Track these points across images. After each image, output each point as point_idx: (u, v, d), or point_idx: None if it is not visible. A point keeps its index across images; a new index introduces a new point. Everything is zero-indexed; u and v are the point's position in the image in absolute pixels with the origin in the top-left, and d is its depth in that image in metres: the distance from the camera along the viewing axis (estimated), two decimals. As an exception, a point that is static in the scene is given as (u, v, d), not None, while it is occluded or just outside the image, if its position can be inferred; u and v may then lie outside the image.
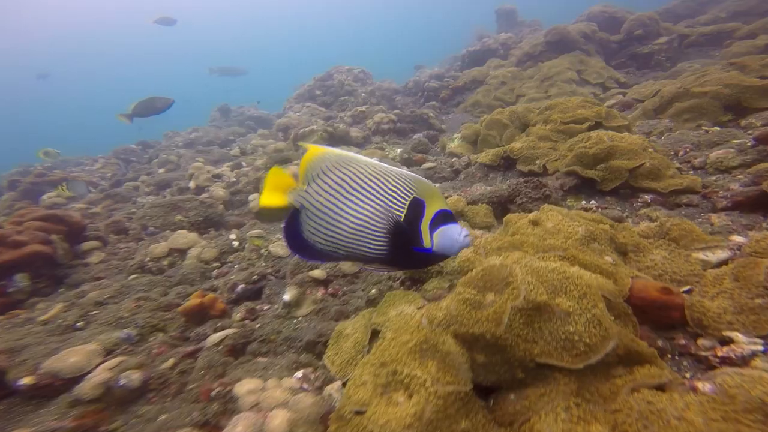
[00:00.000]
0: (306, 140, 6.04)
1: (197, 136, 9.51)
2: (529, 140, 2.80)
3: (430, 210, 1.15)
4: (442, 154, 4.54)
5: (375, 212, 1.14)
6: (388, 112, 6.84)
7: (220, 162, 6.89)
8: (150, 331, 2.20)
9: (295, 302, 2.24)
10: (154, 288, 2.63)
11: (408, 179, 1.16)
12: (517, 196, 2.26)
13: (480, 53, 8.86)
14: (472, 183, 3.14)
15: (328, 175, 1.17)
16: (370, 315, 1.61)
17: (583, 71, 5.78)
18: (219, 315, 2.32)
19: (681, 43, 5.80)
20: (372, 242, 1.16)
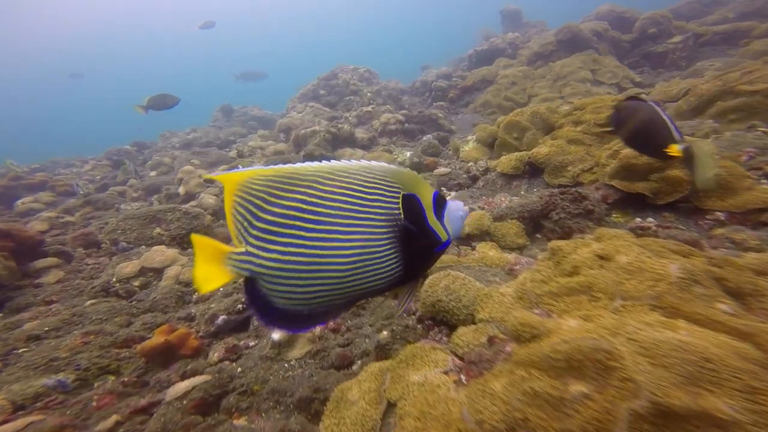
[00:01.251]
0: (308, 142, 5.66)
1: (195, 137, 9.12)
2: (557, 144, 2.41)
3: (425, 201, 0.97)
4: (455, 158, 4.16)
5: (370, 229, 0.89)
6: (396, 113, 6.48)
7: (216, 165, 6.49)
8: (97, 374, 1.77)
9: (286, 341, 1.84)
10: (114, 317, 2.21)
11: (384, 174, 0.93)
12: (552, 211, 1.87)
13: (488, 53, 8.56)
14: (493, 192, 2.75)
15: (271, 212, 0.86)
16: (381, 375, 1.21)
17: (597, 71, 5.42)
18: (191, 354, 1.91)
19: (696, 41, 5.46)
20: (379, 268, 0.90)
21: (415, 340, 1.45)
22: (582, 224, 1.73)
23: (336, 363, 1.66)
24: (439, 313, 1.39)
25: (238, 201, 0.88)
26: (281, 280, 0.88)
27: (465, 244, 1.99)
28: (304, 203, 0.86)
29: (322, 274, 0.87)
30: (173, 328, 1.96)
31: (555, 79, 5.75)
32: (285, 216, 0.86)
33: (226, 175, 0.88)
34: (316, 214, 0.86)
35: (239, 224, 0.88)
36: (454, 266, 1.65)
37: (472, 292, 1.33)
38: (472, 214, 2.02)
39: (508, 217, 1.98)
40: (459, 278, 1.43)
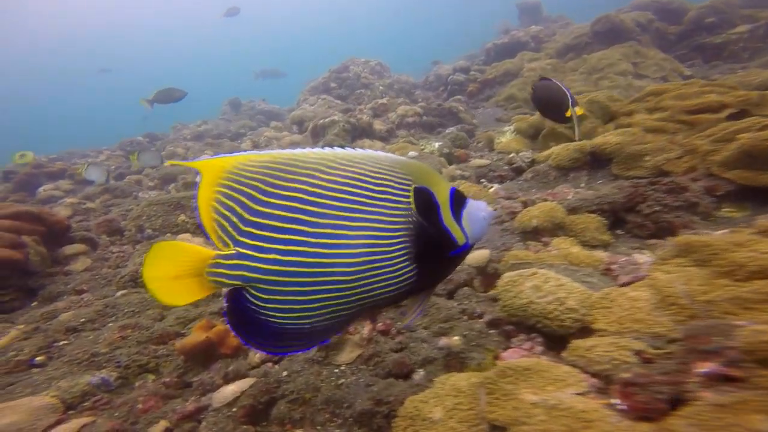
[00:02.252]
0: (326, 132, 5.48)
1: (206, 129, 9.10)
2: (631, 132, 2.18)
3: (441, 196, 0.83)
4: (486, 150, 3.94)
5: (379, 224, 0.76)
6: (413, 105, 6.26)
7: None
8: (137, 372, 1.62)
9: (333, 343, 1.65)
10: (146, 309, 2.05)
11: (392, 165, 0.80)
12: (640, 203, 1.64)
13: (508, 46, 8.28)
14: (546, 184, 2.52)
15: (268, 204, 0.72)
16: (471, 390, 1.01)
17: (640, 63, 5.12)
18: (231, 353, 1.73)
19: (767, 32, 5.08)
20: (390, 271, 0.76)
21: (495, 348, 1.25)
22: (684, 219, 1.51)
23: (393, 371, 1.46)
24: (530, 317, 1.19)
25: (224, 192, 0.72)
26: (280, 287, 0.73)
27: (534, 239, 1.78)
28: (306, 194, 0.73)
29: (327, 278, 0.73)
30: (211, 323, 1.78)
31: (590, 72, 5.46)
32: (285, 208, 0.72)
33: (206, 162, 0.73)
34: (319, 206, 0.73)
35: (225, 220, 0.72)
36: (534, 263, 1.44)
37: (576, 296, 1.12)
38: (542, 206, 1.81)
39: (583, 209, 1.76)
40: (552, 278, 1.23)
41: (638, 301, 0.99)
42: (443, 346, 1.45)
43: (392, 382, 1.39)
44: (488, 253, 1.75)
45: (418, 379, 1.37)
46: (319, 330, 0.78)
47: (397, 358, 1.49)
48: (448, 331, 1.56)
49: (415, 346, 1.56)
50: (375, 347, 1.61)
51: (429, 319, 1.70)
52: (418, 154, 3.38)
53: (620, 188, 1.78)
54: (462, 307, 1.68)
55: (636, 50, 5.29)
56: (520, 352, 1.13)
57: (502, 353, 1.21)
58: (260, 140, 6.87)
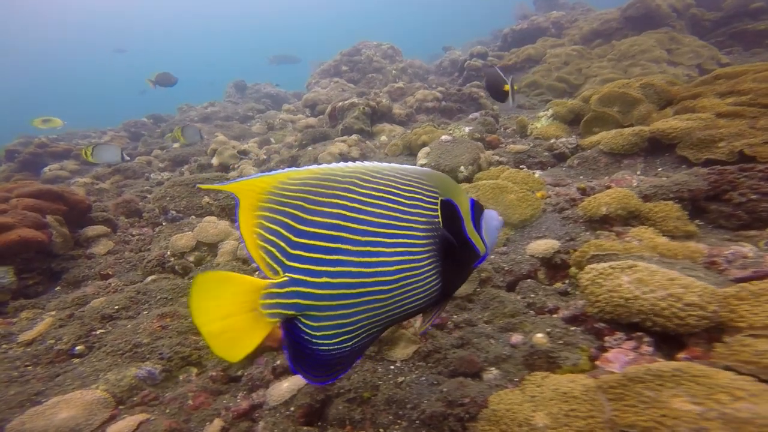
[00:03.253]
0: (345, 115, 5.26)
1: (214, 111, 8.85)
2: (700, 117, 2.01)
3: (463, 208, 0.85)
4: (517, 136, 3.76)
5: (411, 240, 0.76)
6: (432, 89, 6.03)
7: (240, 138, 6.19)
8: (180, 365, 1.49)
9: (385, 338, 1.53)
10: (180, 297, 1.92)
11: (420, 177, 0.81)
12: (730, 191, 1.49)
13: (527, 32, 7.98)
14: (595, 171, 2.37)
15: (313, 222, 0.69)
16: (587, 395, 0.88)
17: (675, 50, 4.89)
18: (276, 346, 1.61)
19: None
20: (420, 285, 0.77)
21: (587, 346, 1.13)
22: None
23: (460, 369, 1.34)
24: (632, 315, 1.05)
25: (267, 215, 0.68)
26: (330, 312, 0.70)
27: (602, 229, 1.64)
28: (346, 209, 0.71)
29: (368, 296, 0.71)
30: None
31: (619, 59, 5.23)
32: (329, 226, 0.69)
33: (243, 184, 0.67)
34: (359, 222, 0.71)
35: (272, 245, 0.67)
36: (621, 255, 1.30)
37: (697, 291, 0.99)
38: (612, 192, 1.66)
39: (658, 197, 1.61)
40: (657, 271, 1.09)
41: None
42: (517, 343, 1.32)
43: (463, 382, 1.26)
44: (557, 244, 1.61)
45: (492, 379, 1.25)
46: (357, 350, 0.76)
47: (464, 355, 1.37)
48: (516, 326, 1.44)
49: (479, 342, 1.43)
50: (433, 342, 1.49)
51: (490, 313, 1.58)
52: (452, 138, 3.20)
53: (698, 175, 1.63)
54: (527, 300, 1.56)
55: (671, 36, 5.04)
56: (627, 354, 1.00)
57: (601, 354, 1.08)
58: (275, 122, 6.66)
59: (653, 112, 2.45)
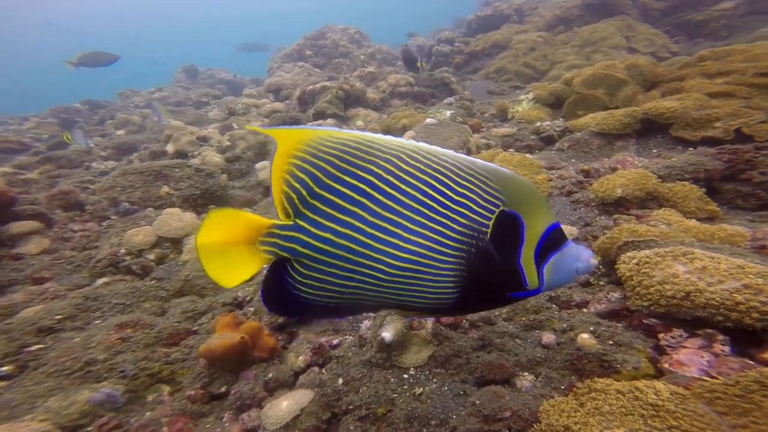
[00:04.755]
0: (317, 99, 4.78)
1: (163, 96, 7.81)
2: (692, 97, 1.94)
3: (532, 230, 0.70)
4: (497, 120, 3.60)
5: (439, 237, 0.67)
6: (404, 74, 5.70)
7: (197, 124, 5.45)
8: (148, 383, 1.14)
9: (396, 342, 1.28)
10: (141, 302, 1.51)
11: (486, 174, 0.68)
12: (748, 170, 1.41)
13: (492, 18, 7.88)
14: (587, 154, 2.26)
15: (341, 180, 0.67)
16: (686, 403, 0.71)
17: (632, 37, 4.99)
18: (267, 356, 1.30)
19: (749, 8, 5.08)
20: (430, 285, 0.69)
21: (643, 347, 0.97)
22: None
23: (488, 376, 1.14)
24: (699, 309, 0.90)
25: (298, 164, 0.67)
26: (322, 266, 0.69)
27: (618, 212, 1.50)
28: (379, 179, 0.67)
29: (367, 270, 0.69)
30: (237, 319, 1.31)
31: (582, 45, 5.26)
32: (354, 188, 0.67)
33: (284, 131, 0.68)
34: (385, 196, 0.67)
35: (294, 191, 0.68)
36: (660, 240, 1.15)
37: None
38: (627, 173, 1.52)
39: (672, 178, 1.51)
40: (720, 258, 0.95)
41: None
42: (550, 344, 1.14)
43: (497, 391, 1.06)
44: (574, 230, 1.45)
45: (529, 387, 1.06)
46: (335, 309, 0.74)
47: (492, 359, 1.16)
48: (543, 324, 1.25)
49: (504, 343, 1.23)
50: (450, 345, 1.27)
51: (510, 309, 1.39)
52: (438, 122, 2.95)
53: (710, 155, 1.54)
54: (549, 294, 1.38)
55: (628, 24, 5.14)
56: (701, 355, 0.85)
57: (662, 356, 0.92)
58: (237, 107, 5.96)
59: (639, 94, 2.38)
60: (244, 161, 3.66)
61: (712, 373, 0.80)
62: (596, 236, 1.40)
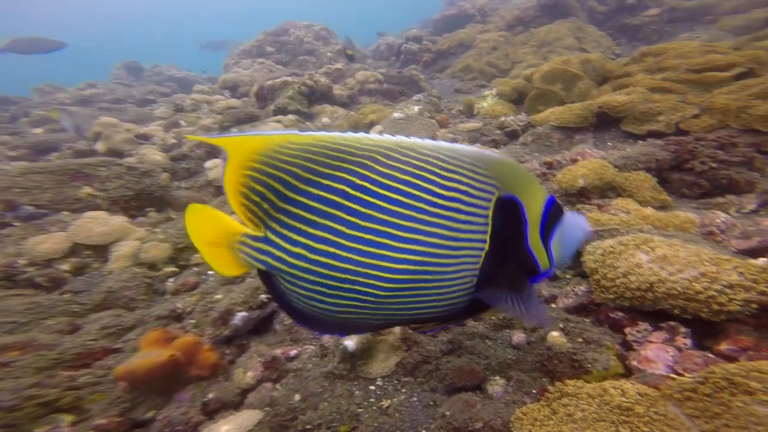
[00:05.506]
0: (277, 95, 4.52)
1: (96, 93, 7.00)
2: (637, 92, 2.01)
3: (532, 210, 0.66)
4: (463, 116, 3.61)
5: (436, 241, 0.61)
6: (373, 71, 5.60)
7: (140, 122, 4.94)
8: (36, 414, 0.93)
9: (362, 350, 1.16)
10: (43, 319, 1.26)
11: (474, 161, 0.63)
12: (690, 160, 1.46)
13: (456, 18, 8.06)
14: (549, 147, 2.29)
15: (305, 192, 0.60)
16: (657, 406, 0.65)
17: (582, 39, 5.28)
18: (208, 374, 1.12)
19: (670, 15, 5.59)
20: (438, 293, 0.63)
21: (611, 343, 0.92)
22: (746, 175, 1.37)
23: (458, 383, 1.05)
24: (661, 301, 0.87)
25: (255, 176, 0.60)
26: (303, 283, 0.63)
27: (580, 202, 1.49)
28: (352, 187, 0.59)
29: (357, 287, 0.62)
30: (170, 334, 1.11)
31: (539, 46, 5.47)
32: (323, 201, 0.60)
33: (234, 140, 0.60)
34: (363, 204, 0.59)
35: (255, 205, 0.62)
36: (621, 229, 1.13)
37: (734, 267, 0.83)
38: (587, 163, 1.52)
39: (627, 168, 1.52)
40: (679, 245, 0.93)
41: None
42: (520, 343, 1.08)
43: (468, 400, 0.97)
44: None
45: (501, 393, 0.98)
46: (343, 326, 0.69)
47: (462, 364, 1.07)
48: (512, 322, 1.19)
49: (474, 345, 1.15)
50: (419, 350, 1.17)
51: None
52: (405, 116, 2.86)
53: (659, 146, 1.58)
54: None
55: (578, 26, 5.43)
56: (666, 350, 0.81)
57: (630, 352, 0.88)
58: (186, 104, 5.51)
59: (593, 89, 2.46)
60: (192, 159, 3.34)
61: (678, 369, 0.76)
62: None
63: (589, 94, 2.44)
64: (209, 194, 2.86)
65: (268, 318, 1.47)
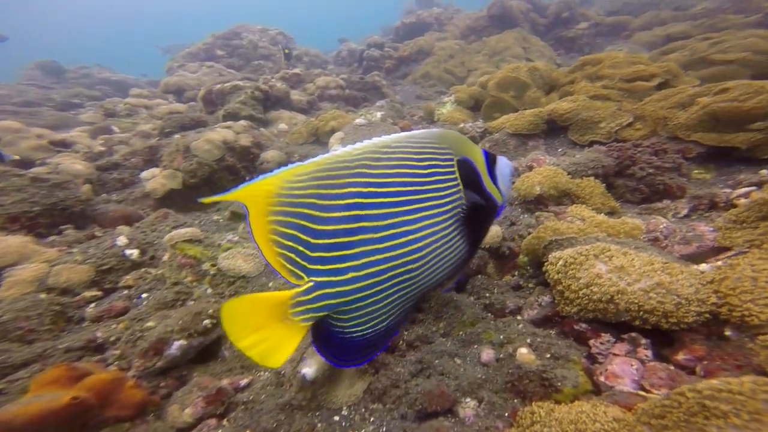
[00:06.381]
0: (228, 99, 4.21)
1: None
2: (579, 99, 2.13)
3: (478, 162, 0.84)
4: (424, 122, 3.62)
5: (435, 210, 0.74)
6: (335, 76, 5.46)
7: (60, 128, 4.33)
8: None
9: (324, 376, 1.05)
10: None
11: (430, 140, 0.78)
12: (632, 166, 1.54)
13: (416, 26, 8.25)
14: (506, 153, 2.34)
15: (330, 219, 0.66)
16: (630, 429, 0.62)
17: (528, 48, 5.62)
18: (132, 414, 0.93)
19: (595, 30, 6.17)
20: (449, 251, 0.77)
21: (577, 357, 0.91)
22: (677, 180, 1.46)
23: (429, 408, 0.98)
24: (623, 313, 0.87)
25: (281, 219, 0.64)
26: (360, 303, 0.70)
27: (538, 209, 1.51)
28: (361, 196, 0.68)
29: (398, 278, 0.71)
30: (79, 371, 0.90)
31: (491, 54, 5.73)
32: (347, 219, 0.67)
33: (249, 188, 0.62)
34: (378, 207, 0.68)
35: (291, 251, 0.65)
36: (579, 238, 1.14)
37: (686, 278, 0.85)
38: (543, 171, 1.54)
39: (579, 175, 1.58)
40: (633, 255, 0.94)
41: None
42: (489, 361, 1.04)
43: (439, 428, 0.90)
44: (500, 231, 1.39)
45: (472, 418, 0.93)
46: (393, 327, 0.77)
47: (431, 387, 1.00)
48: (480, 337, 1.15)
49: (442, 364, 1.09)
50: (388, 374, 1.08)
51: (446, 323, 1.25)
52: (368, 122, 2.78)
53: (601, 152, 1.66)
54: (483, 302, 1.29)
55: (524, 36, 5.78)
56: (630, 363, 0.80)
57: (596, 365, 0.86)
58: (119, 108, 4.95)
59: (542, 96, 2.57)
60: (125, 169, 2.96)
61: (645, 384, 0.76)
62: (522, 236, 1.37)
63: (538, 102, 2.55)
64: (147, 207, 2.55)
65: (214, 343, 1.29)
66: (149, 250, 1.86)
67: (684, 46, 3.11)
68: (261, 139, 3.11)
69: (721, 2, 5.53)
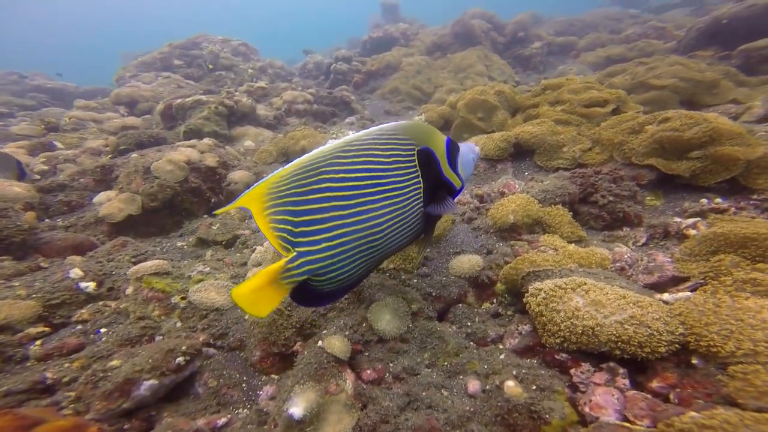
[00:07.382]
0: (189, 114, 3.98)
1: None
2: (545, 123, 2.28)
3: (439, 151, 1.00)
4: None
5: (395, 192, 0.92)
6: (302, 90, 5.37)
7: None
8: None
9: (312, 414, 1.00)
10: None
11: (395, 132, 0.95)
12: (594, 194, 1.67)
13: (383, 40, 8.37)
14: (476, 176, 2.42)
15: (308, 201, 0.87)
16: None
17: (490, 66, 5.95)
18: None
19: (549, 49, 6.69)
20: (407, 225, 0.96)
21: (561, 388, 0.95)
22: (634, 208, 1.60)
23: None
24: (602, 345, 0.92)
25: (273, 211, 0.86)
26: (334, 266, 0.89)
27: (512, 237, 1.58)
28: (332, 181, 0.87)
29: (363, 246, 0.90)
30: (29, 420, 0.78)
31: (456, 71, 5.98)
32: (321, 200, 0.87)
33: (247, 196, 0.85)
34: (346, 189, 0.87)
35: (282, 232, 0.87)
36: (555, 270, 1.21)
37: (655, 310, 0.93)
38: (515, 199, 1.62)
39: (548, 202, 1.68)
40: (606, 288, 1.01)
41: (748, 311, 0.86)
42: (476, 393, 1.05)
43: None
44: (480, 260, 1.44)
45: (465, 456, 0.93)
46: (356, 282, 0.97)
47: (421, 423, 0.99)
48: (465, 367, 1.17)
49: (430, 396, 1.09)
50: (376, 409, 1.05)
51: (431, 354, 1.26)
52: (338, 142, 2.76)
53: (566, 178, 1.78)
54: (465, 330, 1.32)
55: (485, 54, 6.11)
56: (611, 392, 0.85)
57: (579, 395, 0.91)
58: (62, 122, 4.48)
59: (508, 119, 2.72)
60: (73, 190, 2.68)
61: (628, 415, 0.81)
62: (500, 265, 1.42)
63: (505, 124, 2.70)
64: (100, 234, 2.31)
65: (188, 380, 1.19)
66: (106, 281, 1.69)
67: (624, 70, 3.48)
68: (227, 158, 2.96)
69: (645, 29, 6.30)
